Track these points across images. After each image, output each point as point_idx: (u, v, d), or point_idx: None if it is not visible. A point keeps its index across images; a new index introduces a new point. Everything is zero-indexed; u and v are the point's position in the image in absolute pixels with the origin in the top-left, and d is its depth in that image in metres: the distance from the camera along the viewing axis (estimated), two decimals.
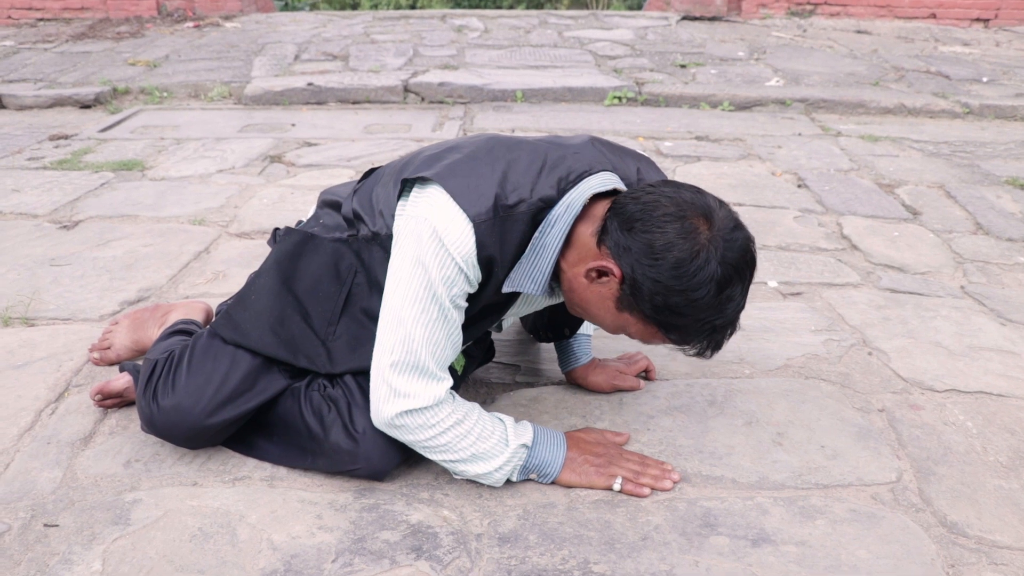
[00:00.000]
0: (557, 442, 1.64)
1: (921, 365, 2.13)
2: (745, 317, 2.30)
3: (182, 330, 1.96)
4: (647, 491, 1.61)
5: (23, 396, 1.96)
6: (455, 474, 1.61)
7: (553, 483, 1.64)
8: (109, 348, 2.07)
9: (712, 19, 7.78)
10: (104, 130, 4.51)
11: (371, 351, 1.55)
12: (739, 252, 1.38)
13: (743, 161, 3.86)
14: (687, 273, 1.34)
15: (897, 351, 2.20)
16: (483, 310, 1.60)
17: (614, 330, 1.53)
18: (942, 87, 5.36)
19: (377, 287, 1.59)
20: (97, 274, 2.63)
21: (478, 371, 2.05)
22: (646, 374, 2.01)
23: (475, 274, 1.47)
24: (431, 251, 1.43)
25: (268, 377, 1.67)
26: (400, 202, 1.53)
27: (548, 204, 1.49)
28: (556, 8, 15.86)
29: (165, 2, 7.97)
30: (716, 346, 1.46)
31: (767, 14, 7.87)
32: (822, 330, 2.30)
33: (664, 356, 2.12)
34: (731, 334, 1.45)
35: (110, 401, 1.88)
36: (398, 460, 1.63)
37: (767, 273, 2.64)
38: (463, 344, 1.63)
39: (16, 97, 5.10)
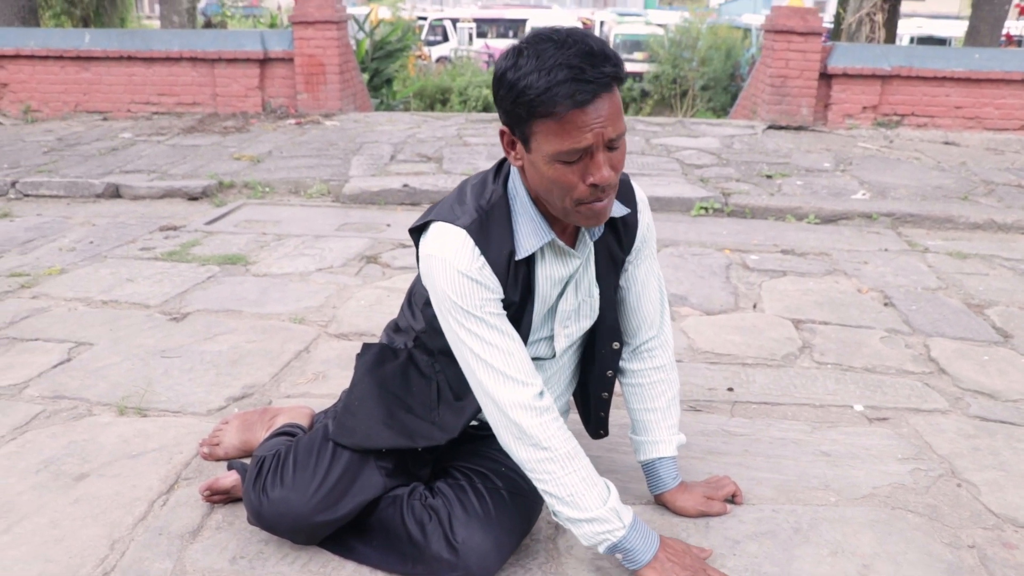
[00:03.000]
0: (652, 538, 1.70)
1: (1014, 500, 2.10)
2: (830, 442, 2.34)
3: (287, 432, 2.08)
4: None
5: (137, 486, 2.09)
6: (553, 515, 1.70)
7: (635, 573, 1.69)
8: (218, 445, 2.19)
9: (798, 129, 7.87)
10: (210, 223, 4.78)
11: (472, 404, 1.76)
12: (524, 38, 1.53)
13: (829, 277, 3.89)
14: (500, 70, 1.52)
15: (988, 484, 2.18)
16: (522, 293, 1.71)
17: (556, 175, 1.53)
18: None
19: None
20: (204, 368, 2.78)
21: None
22: (732, 498, 2.03)
23: (487, 279, 1.63)
24: (441, 277, 1.63)
25: (366, 472, 1.79)
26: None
27: (506, 176, 1.70)
28: (639, 112, 16.22)
29: (269, 99, 8.43)
30: (572, 83, 1.44)
31: (853, 124, 7.93)
32: (909, 458, 2.29)
33: (750, 480, 2.14)
34: (572, 69, 1.45)
35: (217, 497, 1.99)
36: (495, 570, 1.72)
37: (852, 396, 2.66)
38: (531, 336, 1.78)
39: (131, 188, 5.45)
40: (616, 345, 1.93)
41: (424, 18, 24.06)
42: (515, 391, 1.64)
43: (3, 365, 2.79)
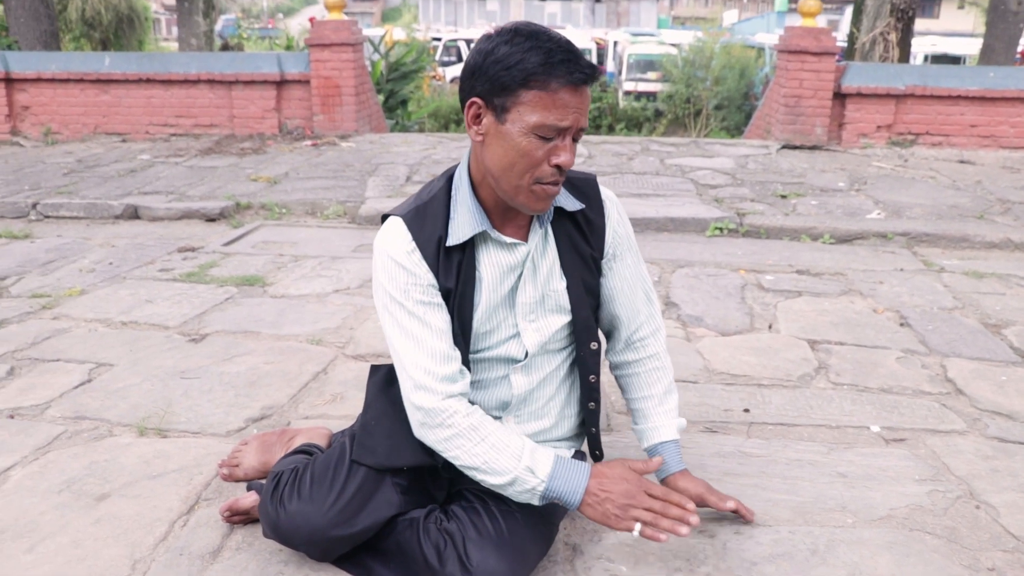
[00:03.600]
0: (579, 477, 1.72)
1: None
2: (847, 464, 2.34)
3: (304, 450, 2.10)
4: (664, 537, 1.69)
5: (158, 507, 2.11)
6: (483, 483, 1.75)
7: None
8: (238, 466, 2.21)
9: (812, 148, 7.88)
10: (227, 244, 4.82)
11: None
12: (512, 24, 1.66)
13: (844, 297, 3.89)
14: (491, 44, 1.63)
15: (1007, 506, 2.17)
16: (462, 281, 1.77)
17: (528, 147, 1.62)
18: None
19: None
20: (223, 389, 2.81)
21: None
22: (736, 514, 2.02)
23: (414, 264, 1.73)
24: (377, 262, 1.77)
25: (383, 489, 1.81)
26: None
27: (451, 174, 1.81)
28: (653, 132, 16.27)
29: (286, 121, 8.51)
30: (570, 64, 1.59)
31: (868, 143, 7.93)
32: (926, 480, 2.29)
33: (767, 502, 2.14)
34: (568, 53, 1.60)
35: (237, 518, 2.01)
36: None
37: (869, 417, 2.65)
38: (498, 334, 1.84)
39: (150, 209, 5.51)
40: (595, 346, 1.93)
41: (438, 39, 24.25)
42: (418, 374, 1.72)
43: (25, 386, 2.83)
